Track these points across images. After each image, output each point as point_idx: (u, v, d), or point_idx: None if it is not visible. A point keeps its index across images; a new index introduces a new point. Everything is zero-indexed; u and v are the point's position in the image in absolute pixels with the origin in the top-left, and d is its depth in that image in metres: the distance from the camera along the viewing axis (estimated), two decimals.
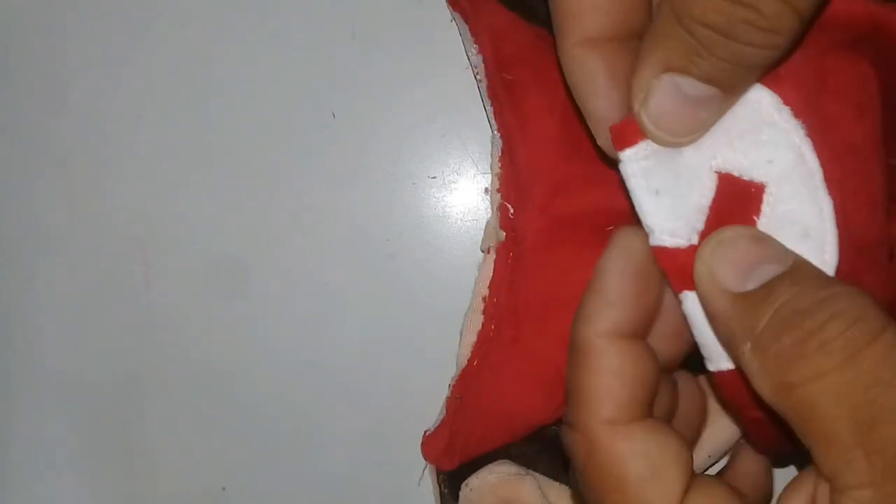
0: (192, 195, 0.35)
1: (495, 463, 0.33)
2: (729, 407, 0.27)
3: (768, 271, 0.20)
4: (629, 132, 0.23)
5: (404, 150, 0.35)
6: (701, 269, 0.21)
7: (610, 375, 0.22)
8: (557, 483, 0.32)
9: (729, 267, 0.21)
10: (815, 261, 0.21)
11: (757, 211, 0.22)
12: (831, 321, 0.19)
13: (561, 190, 0.30)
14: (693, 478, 0.21)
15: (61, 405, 0.36)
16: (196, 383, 0.36)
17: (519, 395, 0.32)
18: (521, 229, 0.31)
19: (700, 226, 0.23)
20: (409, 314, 0.35)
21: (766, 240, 0.21)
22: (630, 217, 0.30)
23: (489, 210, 0.33)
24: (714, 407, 0.32)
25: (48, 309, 0.36)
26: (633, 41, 0.23)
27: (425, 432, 0.34)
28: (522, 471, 0.32)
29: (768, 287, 0.20)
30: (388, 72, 0.35)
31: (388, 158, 0.35)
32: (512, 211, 0.31)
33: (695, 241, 0.22)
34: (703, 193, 0.23)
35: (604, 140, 0.24)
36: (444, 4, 0.33)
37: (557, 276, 0.31)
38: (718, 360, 0.23)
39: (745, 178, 0.22)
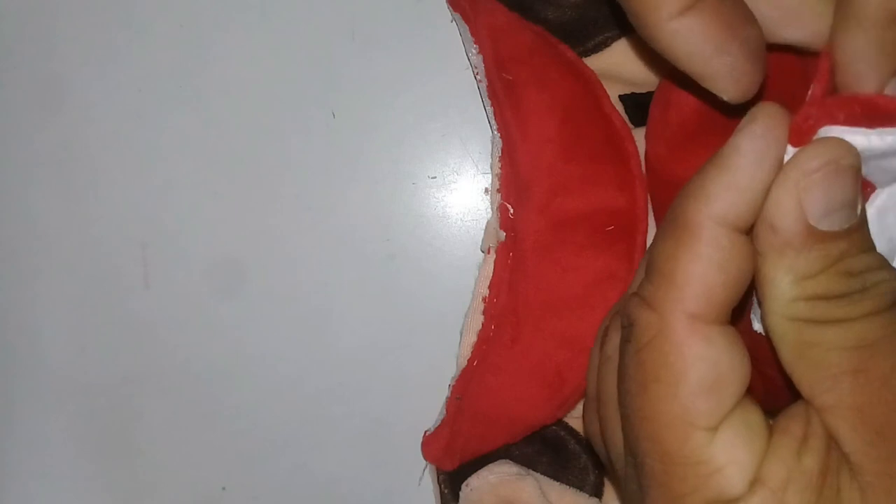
0: (191, 195, 0.35)
1: (495, 463, 0.33)
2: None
3: (843, 219, 0.19)
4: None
5: (404, 150, 0.35)
6: (796, 178, 0.19)
7: (714, 268, 0.20)
8: (557, 483, 0.32)
9: (818, 197, 0.19)
10: None
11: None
12: (871, 290, 0.19)
13: (560, 190, 0.30)
14: (741, 400, 0.20)
15: (61, 405, 0.36)
16: (196, 383, 0.36)
17: (519, 396, 0.32)
18: (521, 229, 0.31)
19: None
20: (408, 314, 0.35)
21: (858, 181, 0.20)
22: (630, 217, 0.31)
23: (489, 210, 0.33)
24: None
25: (48, 309, 0.36)
26: None
27: (425, 432, 0.34)
28: (523, 471, 0.32)
29: (835, 236, 0.19)
30: (388, 72, 0.35)
31: (388, 158, 0.35)
32: (512, 211, 0.31)
33: None
34: None
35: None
36: (444, 4, 0.33)
37: (557, 276, 0.31)
38: None
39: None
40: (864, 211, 0.20)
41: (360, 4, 0.35)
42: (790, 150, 0.20)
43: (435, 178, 0.35)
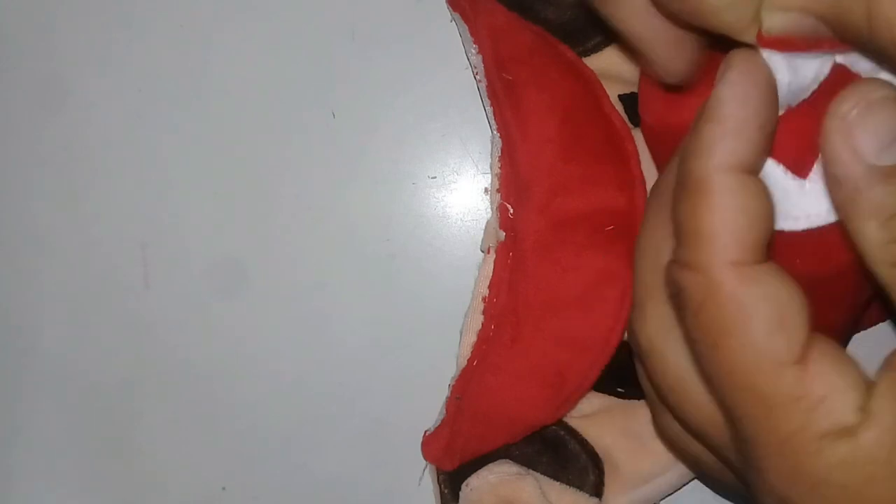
0: (191, 195, 0.35)
1: (495, 463, 0.33)
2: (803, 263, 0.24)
3: None
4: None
5: (404, 150, 0.35)
6: (838, 124, 0.20)
7: (735, 213, 0.20)
8: (558, 483, 0.32)
9: (870, 135, 0.19)
10: None
11: None
12: None
13: (560, 190, 0.30)
14: (811, 331, 0.20)
15: (61, 405, 0.36)
16: (196, 383, 0.36)
17: (519, 395, 0.32)
18: (521, 229, 0.31)
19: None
20: (409, 314, 0.35)
21: None
22: (630, 217, 0.31)
23: (489, 210, 0.33)
24: None
25: (48, 309, 0.36)
26: None
27: (425, 432, 0.34)
28: (523, 471, 0.32)
29: None
30: (388, 72, 0.35)
31: (387, 158, 0.35)
32: (511, 211, 0.31)
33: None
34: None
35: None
36: (444, 4, 0.33)
37: (557, 276, 0.31)
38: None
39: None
40: None
41: (360, 4, 0.35)
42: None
43: (435, 178, 0.35)
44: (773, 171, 0.22)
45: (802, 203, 0.22)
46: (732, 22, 0.20)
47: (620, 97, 0.32)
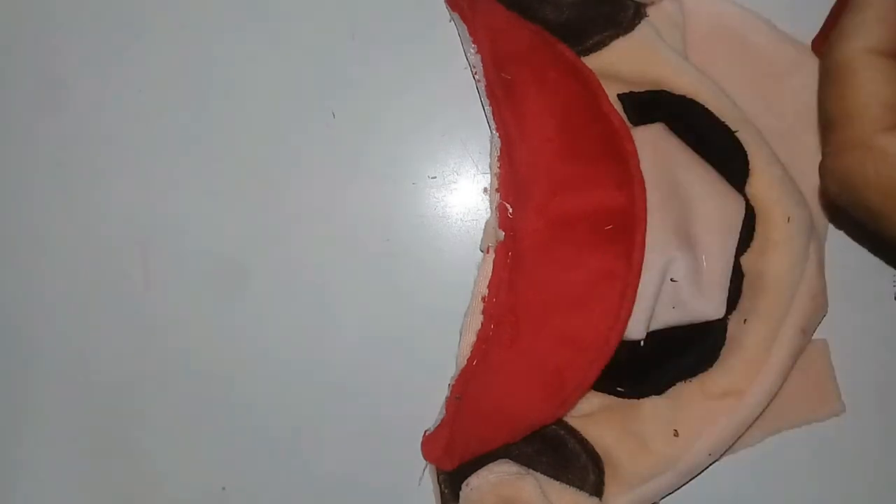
0: (191, 196, 0.35)
1: (495, 462, 0.32)
2: None
3: None
4: None
5: (404, 150, 0.35)
6: (857, 66, 0.22)
7: (882, 85, 0.22)
8: (558, 482, 0.32)
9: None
10: None
11: None
12: None
13: (559, 189, 0.30)
14: None
15: (61, 405, 0.36)
16: (196, 383, 0.36)
17: (518, 395, 0.32)
18: (520, 229, 0.31)
19: None
20: (409, 314, 0.35)
21: None
22: (629, 216, 0.31)
23: (489, 210, 0.33)
24: (712, 407, 0.32)
25: (48, 309, 0.36)
26: None
27: (425, 432, 0.34)
28: (523, 470, 0.32)
29: None
30: (388, 72, 0.35)
31: (387, 159, 0.35)
32: (511, 211, 0.31)
33: None
34: None
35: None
36: (443, 5, 0.33)
37: (556, 275, 0.31)
38: None
39: None
40: None
41: (360, 4, 0.35)
42: None
43: (435, 178, 0.35)
44: None
45: None
46: None
47: (619, 96, 0.32)
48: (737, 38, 0.33)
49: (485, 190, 0.35)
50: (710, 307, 0.31)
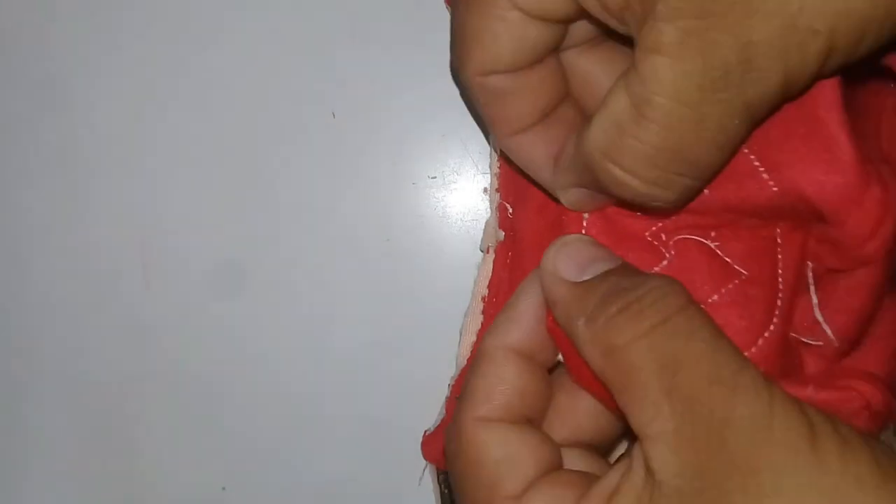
0: (191, 196, 0.35)
1: None
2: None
3: (600, 267, 0.24)
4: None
5: (404, 150, 0.35)
6: (546, 264, 0.25)
7: (495, 381, 0.25)
8: None
9: (569, 262, 0.24)
10: None
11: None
12: (647, 294, 0.22)
13: None
14: (550, 469, 0.24)
15: (61, 405, 0.36)
16: (196, 383, 0.36)
17: None
18: (520, 229, 0.31)
19: None
20: (409, 314, 0.35)
21: (599, 245, 0.25)
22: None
23: (489, 210, 0.33)
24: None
25: (48, 309, 0.36)
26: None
27: (425, 432, 0.34)
28: None
29: (601, 276, 0.24)
30: (388, 72, 0.35)
31: (388, 158, 0.35)
32: (511, 210, 0.31)
33: None
34: None
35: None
36: (443, 4, 0.33)
37: None
38: None
39: None
40: (619, 268, 0.24)
41: (360, 4, 0.35)
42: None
43: (435, 178, 0.35)
44: None
45: None
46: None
47: None
48: None
49: (485, 190, 0.35)
50: None
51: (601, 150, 0.22)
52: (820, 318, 0.25)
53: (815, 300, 0.25)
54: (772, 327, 0.24)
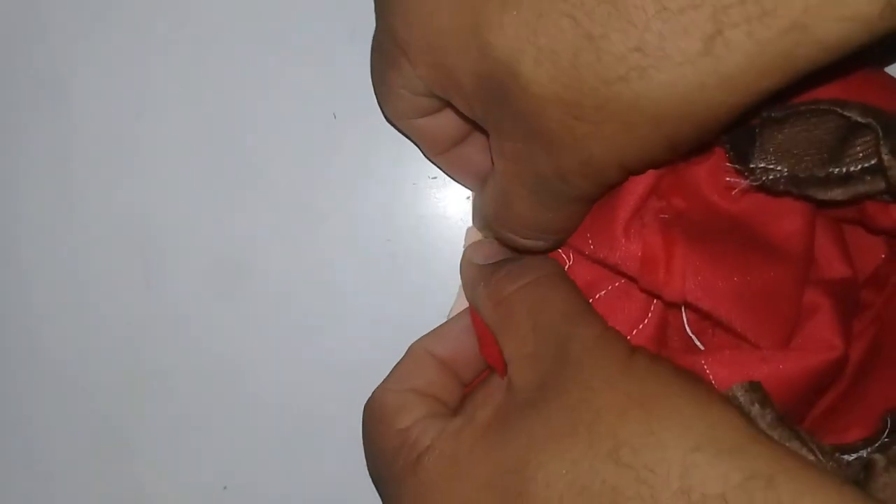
0: (192, 196, 0.35)
1: None
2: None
3: (500, 257, 0.31)
4: None
5: (405, 150, 0.35)
6: (464, 255, 0.32)
7: (413, 369, 0.30)
8: None
9: (479, 253, 0.31)
10: None
11: None
12: (527, 263, 0.29)
13: None
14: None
15: (61, 405, 0.36)
16: (197, 382, 0.36)
17: None
18: None
19: None
20: (409, 314, 0.35)
21: (503, 247, 0.31)
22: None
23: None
24: None
25: (48, 309, 0.36)
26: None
27: None
28: None
29: (500, 261, 0.30)
30: None
31: (388, 159, 0.35)
32: None
33: None
34: None
35: None
36: None
37: None
38: None
39: None
40: (513, 258, 0.30)
41: (360, 4, 0.35)
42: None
43: (435, 178, 0.35)
44: None
45: None
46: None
47: None
48: None
49: None
50: None
51: (491, 217, 0.29)
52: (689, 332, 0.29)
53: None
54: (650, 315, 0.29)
